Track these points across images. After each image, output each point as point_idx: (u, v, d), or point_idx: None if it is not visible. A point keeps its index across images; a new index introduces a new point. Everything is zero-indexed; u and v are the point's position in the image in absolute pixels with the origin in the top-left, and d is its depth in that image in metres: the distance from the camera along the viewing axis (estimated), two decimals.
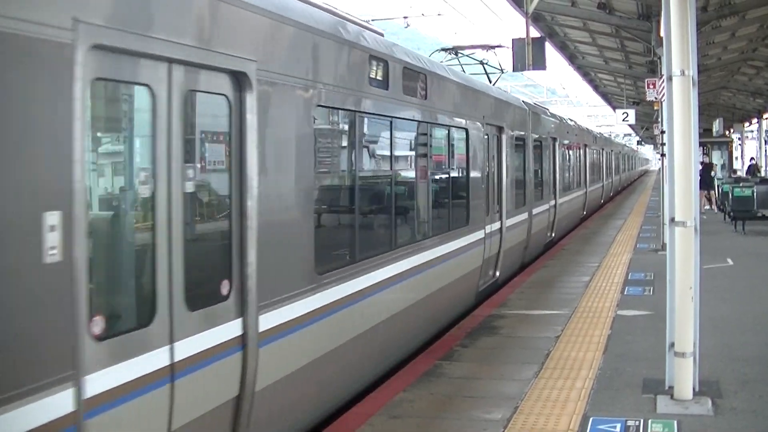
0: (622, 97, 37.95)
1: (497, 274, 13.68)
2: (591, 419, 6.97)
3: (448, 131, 11.04)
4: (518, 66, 15.48)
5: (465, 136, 11.80)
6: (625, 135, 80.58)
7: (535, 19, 21.05)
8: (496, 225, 13.51)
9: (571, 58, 30.46)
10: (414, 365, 9.00)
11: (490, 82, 16.17)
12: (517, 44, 15.43)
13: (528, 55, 15.18)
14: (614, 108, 44.91)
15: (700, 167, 31.12)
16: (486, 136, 13.01)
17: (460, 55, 16.73)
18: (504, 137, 14.30)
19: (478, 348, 9.76)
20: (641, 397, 7.55)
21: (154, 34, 4.68)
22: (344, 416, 7.35)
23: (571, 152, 25.56)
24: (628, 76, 33.25)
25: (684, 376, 7.38)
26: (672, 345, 7.49)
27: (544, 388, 7.94)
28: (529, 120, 17.02)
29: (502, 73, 17.47)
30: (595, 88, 43.10)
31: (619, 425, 6.82)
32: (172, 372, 4.91)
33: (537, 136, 18.16)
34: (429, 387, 8.11)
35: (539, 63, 15.35)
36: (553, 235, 20.71)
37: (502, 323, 11.10)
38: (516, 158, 15.60)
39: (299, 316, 6.42)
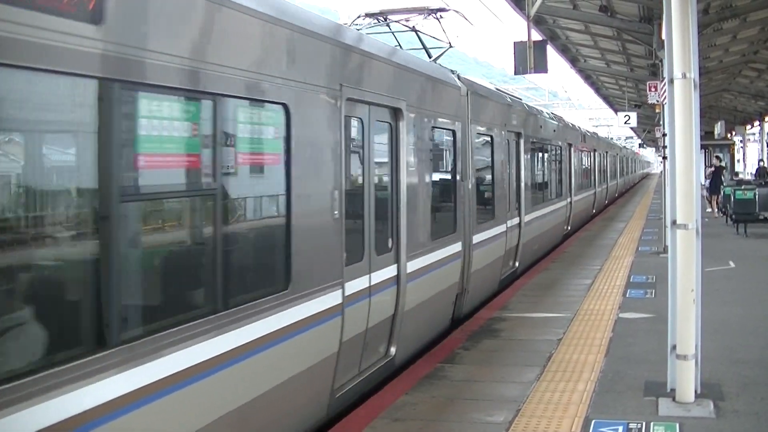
0: (623, 100, 38.01)
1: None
2: (593, 422, 6.97)
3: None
4: (520, 69, 15.47)
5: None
6: (627, 138, 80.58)
7: (537, 22, 21.09)
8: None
9: (573, 61, 30.49)
10: (416, 368, 9.00)
11: (430, 57, 12.88)
12: (519, 47, 15.43)
13: (529, 58, 15.18)
14: (616, 111, 44.98)
15: (712, 170, 31.10)
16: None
17: (389, 21, 12.73)
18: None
19: (479, 351, 9.77)
20: (643, 399, 7.55)
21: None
22: (346, 419, 7.35)
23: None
24: (629, 78, 33.29)
25: (686, 378, 7.38)
26: (674, 347, 7.49)
27: (545, 390, 7.94)
28: (459, 103, 11.79)
29: (450, 47, 13.63)
30: (597, 90, 43.14)
31: (621, 428, 6.82)
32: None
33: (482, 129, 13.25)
34: (431, 390, 8.11)
35: (541, 66, 15.34)
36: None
37: (504, 326, 11.10)
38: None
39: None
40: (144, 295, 5.06)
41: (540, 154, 19.39)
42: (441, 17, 13.17)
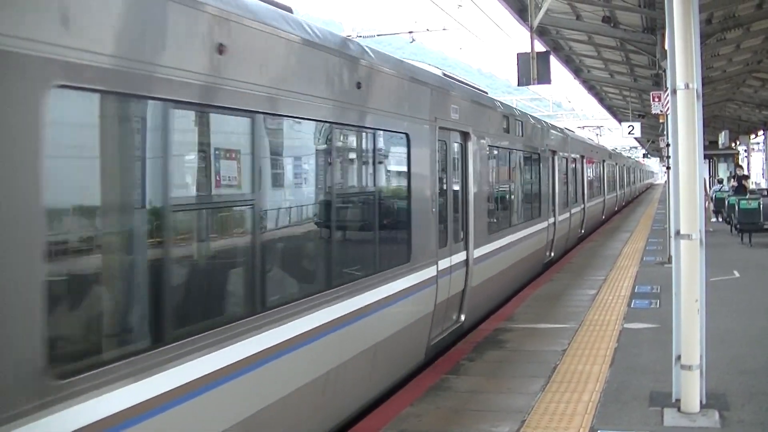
0: (627, 110, 38.03)
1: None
2: None
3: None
4: (523, 80, 15.52)
5: None
6: (631, 148, 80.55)
7: (540, 33, 21.13)
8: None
9: (577, 71, 30.53)
10: (421, 379, 9.01)
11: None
12: (522, 58, 15.47)
13: (533, 70, 15.23)
14: (620, 121, 44.97)
15: (734, 181, 30.93)
16: None
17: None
18: None
19: (484, 362, 9.77)
20: (648, 410, 7.55)
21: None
22: (352, 430, 7.36)
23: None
24: (633, 89, 33.31)
25: (691, 388, 7.38)
26: (678, 358, 7.49)
27: (551, 401, 7.94)
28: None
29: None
30: (601, 101, 43.15)
31: None
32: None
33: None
34: (436, 401, 8.11)
35: (544, 77, 15.39)
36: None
37: (509, 337, 11.11)
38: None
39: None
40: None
41: (506, 163, 15.03)
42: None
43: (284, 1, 6.98)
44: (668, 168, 17.40)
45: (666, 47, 7.85)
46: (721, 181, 38.36)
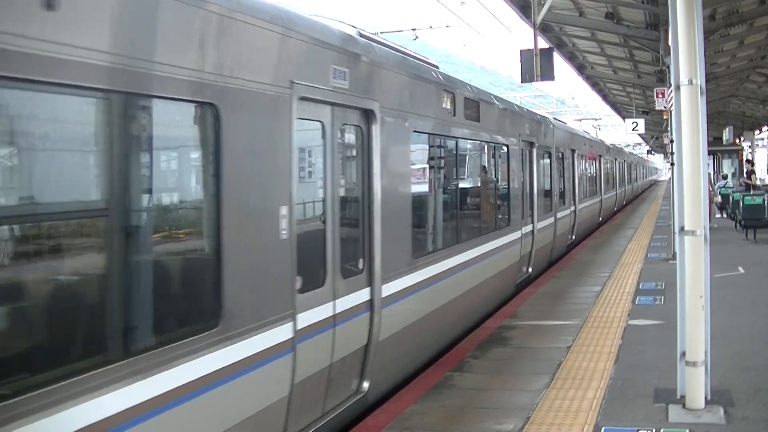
0: (631, 106, 37.94)
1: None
2: (603, 429, 6.97)
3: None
4: (527, 77, 15.48)
5: None
6: (635, 144, 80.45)
7: (543, 29, 21.09)
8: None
9: (580, 68, 30.47)
10: (425, 377, 9.01)
11: None
12: (525, 55, 15.44)
13: (536, 66, 15.19)
14: (624, 118, 44.91)
15: (745, 177, 30.87)
16: None
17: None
18: None
19: (489, 359, 9.76)
20: (653, 406, 7.54)
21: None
22: (356, 429, 7.36)
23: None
24: (636, 85, 33.25)
25: (695, 385, 7.37)
26: (683, 354, 7.48)
27: (555, 398, 7.94)
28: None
29: None
30: (604, 97, 43.08)
31: None
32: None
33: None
34: (440, 399, 8.11)
35: (547, 74, 15.35)
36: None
37: (513, 334, 11.10)
38: None
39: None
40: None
41: (452, 158, 11.44)
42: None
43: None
44: (672, 164, 17.44)
45: (669, 43, 7.83)
46: (725, 177, 38.34)
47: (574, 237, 23.08)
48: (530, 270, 16.21)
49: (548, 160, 19.31)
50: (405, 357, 8.96)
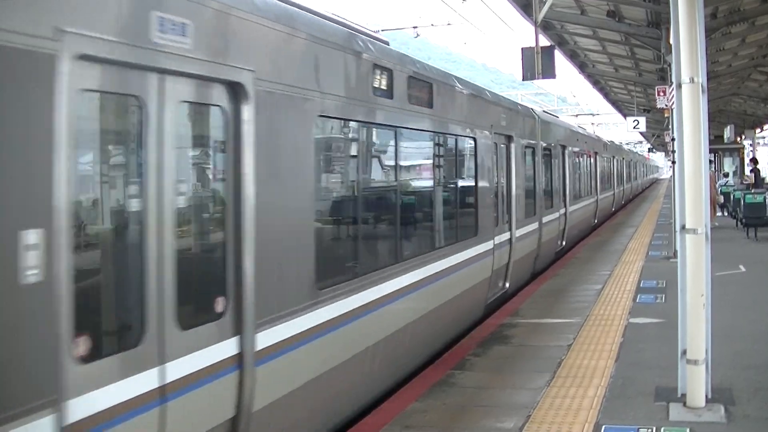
0: (632, 104, 37.90)
1: None
2: (603, 427, 6.97)
3: None
4: (528, 75, 15.47)
5: None
6: (636, 142, 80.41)
7: (545, 27, 21.07)
8: None
9: (581, 66, 30.44)
10: (426, 375, 9.01)
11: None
12: (527, 53, 15.43)
13: (537, 64, 15.18)
14: (625, 116, 44.88)
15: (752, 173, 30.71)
16: None
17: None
18: None
19: (490, 357, 9.77)
20: (654, 404, 7.54)
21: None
22: (356, 427, 7.37)
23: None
24: (638, 83, 33.21)
25: (696, 383, 7.36)
26: (684, 352, 7.48)
27: (556, 396, 7.94)
28: None
29: None
30: (606, 95, 43.05)
31: None
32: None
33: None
34: (441, 397, 8.11)
35: (548, 72, 15.34)
36: None
37: (514, 332, 11.10)
38: None
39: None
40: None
41: (377, 152, 9.19)
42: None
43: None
44: (673, 162, 17.42)
45: (671, 41, 7.84)
46: (726, 175, 38.31)
47: (564, 243, 20.52)
48: (507, 285, 13.79)
49: (532, 157, 16.85)
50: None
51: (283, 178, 6.26)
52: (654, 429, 6.88)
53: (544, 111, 22.10)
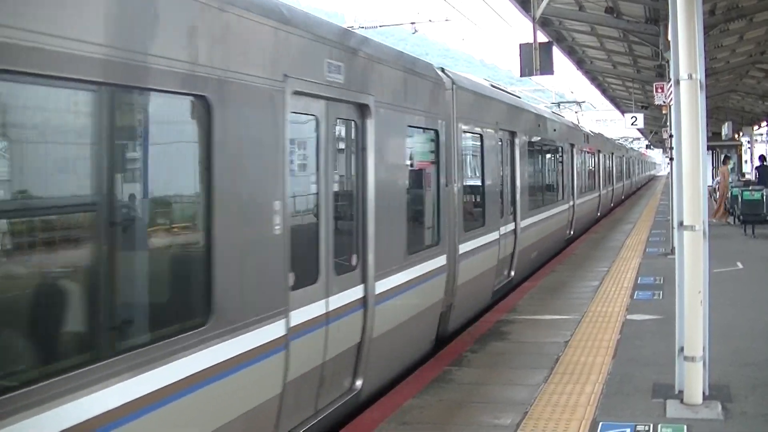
0: (630, 101, 37.92)
1: None
2: (600, 424, 6.96)
3: None
4: (526, 71, 15.47)
5: None
6: (634, 139, 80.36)
7: (543, 23, 21.05)
8: None
9: (579, 62, 30.44)
10: (423, 371, 9.00)
11: None
12: (525, 49, 15.42)
13: (535, 60, 15.17)
14: (623, 112, 44.89)
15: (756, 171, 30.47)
16: None
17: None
18: None
19: (487, 354, 9.76)
20: (651, 401, 7.54)
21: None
22: (353, 422, 7.36)
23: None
24: (636, 80, 33.22)
25: (694, 380, 7.36)
26: (681, 349, 7.48)
27: (553, 393, 7.93)
28: None
29: None
30: (604, 92, 43.07)
31: (628, 430, 6.82)
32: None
33: None
34: (439, 393, 8.11)
35: (547, 68, 15.34)
36: None
37: (512, 329, 11.10)
38: None
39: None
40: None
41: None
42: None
43: None
44: (671, 159, 17.42)
45: (669, 38, 7.82)
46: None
47: (512, 273, 14.68)
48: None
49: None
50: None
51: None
52: (651, 426, 6.88)
53: (491, 84, 16.13)
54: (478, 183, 12.83)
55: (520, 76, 16.33)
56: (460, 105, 11.42)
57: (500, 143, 14.00)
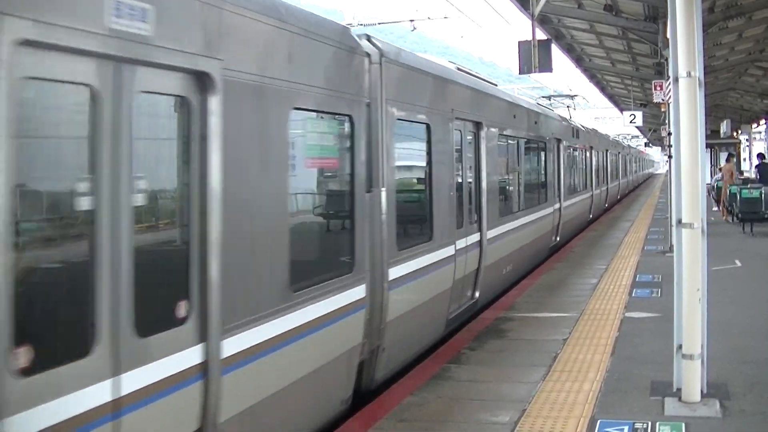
0: (629, 99, 37.92)
1: None
2: (598, 422, 6.96)
3: None
4: (524, 68, 15.46)
5: None
6: (633, 137, 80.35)
7: (542, 21, 21.04)
8: None
9: (578, 60, 30.43)
10: (422, 368, 9.00)
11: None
12: (524, 47, 15.41)
13: (534, 58, 15.16)
14: (621, 110, 44.89)
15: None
16: None
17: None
18: None
19: (485, 351, 9.76)
20: (649, 399, 7.54)
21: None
22: (352, 419, 7.37)
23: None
24: (635, 78, 33.22)
25: (692, 378, 7.36)
26: (680, 347, 7.48)
27: (551, 390, 7.93)
28: None
29: None
30: (602, 90, 43.06)
31: (626, 428, 6.81)
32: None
33: None
34: (437, 390, 8.11)
35: (545, 65, 15.33)
36: None
37: (510, 326, 11.10)
38: None
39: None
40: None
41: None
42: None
43: None
44: (670, 157, 17.41)
45: (668, 36, 7.82)
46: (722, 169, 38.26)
47: (476, 295, 12.13)
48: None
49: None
50: None
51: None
52: (649, 423, 6.87)
53: (460, 69, 13.22)
54: (422, 187, 10.13)
55: (519, 73, 16.33)
56: (392, 85, 8.66)
57: (459, 136, 11.27)
